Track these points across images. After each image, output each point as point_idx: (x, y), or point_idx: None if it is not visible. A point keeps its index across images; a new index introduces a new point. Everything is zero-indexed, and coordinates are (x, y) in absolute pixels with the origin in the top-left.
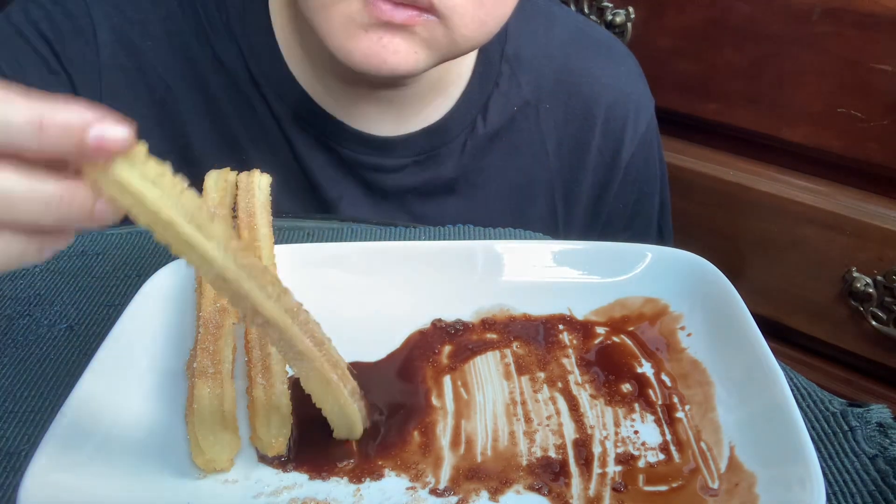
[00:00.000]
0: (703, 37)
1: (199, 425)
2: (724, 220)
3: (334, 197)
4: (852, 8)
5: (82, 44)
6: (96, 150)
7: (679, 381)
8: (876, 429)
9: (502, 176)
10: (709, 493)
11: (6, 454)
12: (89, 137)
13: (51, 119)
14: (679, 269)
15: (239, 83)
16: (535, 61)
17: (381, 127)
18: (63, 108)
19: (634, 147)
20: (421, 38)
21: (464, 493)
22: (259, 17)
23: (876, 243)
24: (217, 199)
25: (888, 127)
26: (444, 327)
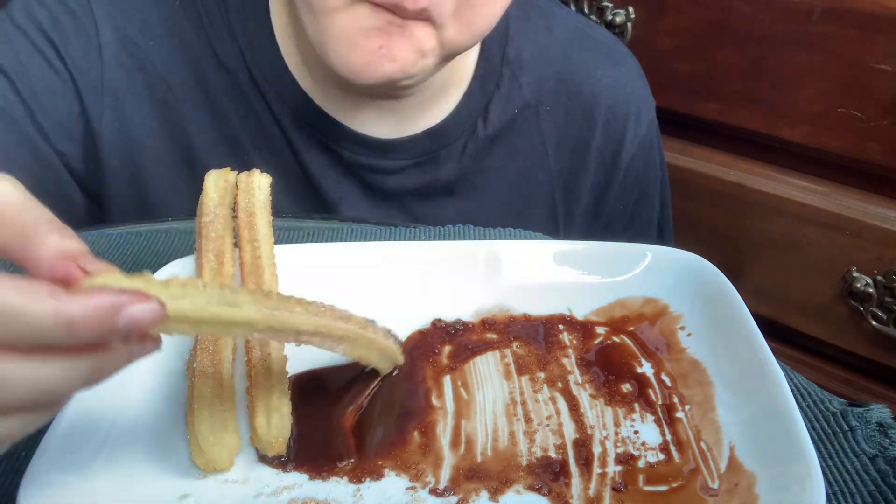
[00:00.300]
0: (703, 37)
1: (199, 425)
2: (724, 220)
3: (335, 198)
4: (852, 8)
5: (85, 43)
6: (128, 331)
7: (679, 381)
8: (876, 429)
9: (502, 177)
10: (709, 493)
11: (6, 454)
12: (120, 324)
13: (78, 317)
14: (679, 269)
15: (240, 83)
16: (535, 63)
17: (381, 129)
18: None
19: (635, 148)
20: (417, 43)
21: (464, 493)
22: (260, 19)
23: (876, 243)
24: (217, 199)
25: (888, 127)
26: (444, 327)
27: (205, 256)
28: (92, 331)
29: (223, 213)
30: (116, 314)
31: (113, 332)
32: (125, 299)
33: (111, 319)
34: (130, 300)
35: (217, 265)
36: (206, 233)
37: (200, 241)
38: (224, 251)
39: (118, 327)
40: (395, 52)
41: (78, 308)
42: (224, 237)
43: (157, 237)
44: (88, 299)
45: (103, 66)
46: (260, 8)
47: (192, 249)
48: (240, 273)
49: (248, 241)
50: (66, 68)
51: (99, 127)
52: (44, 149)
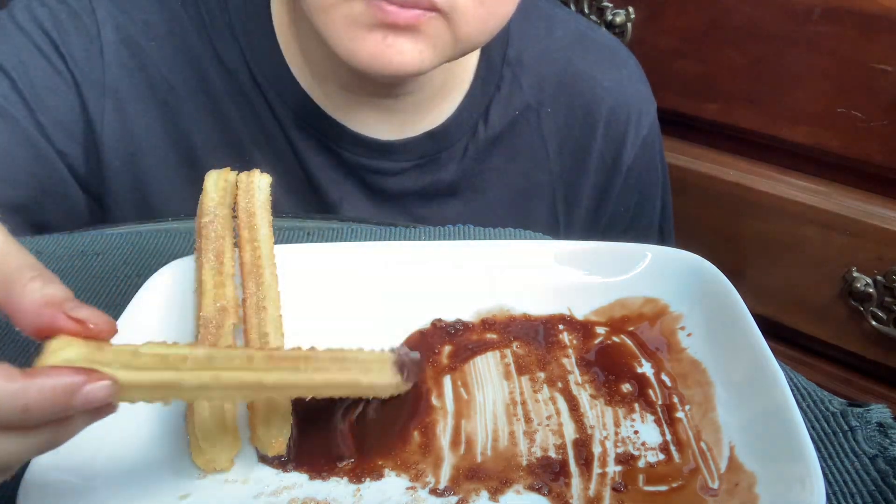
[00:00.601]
0: (704, 37)
1: (200, 426)
2: (724, 220)
3: (335, 199)
4: (852, 8)
5: (86, 43)
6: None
7: (679, 381)
8: (876, 429)
9: (503, 179)
10: (709, 493)
11: None
12: (76, 403)
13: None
14: (679, 269)
15: (241, 84)
16: (536, 65)
17: (382, 130)
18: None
19: (636, 150)
20: (425, 38)
21: (464, 493)
22: (261, 20)
23: (876, 243)
24: (217, 199)
25: (888, 127)
26: (444, 327)
27: (205, 256)
28: (48, 413)
29: (223, 213)
30: (73, 396)
31: (69, 411)
32: (79, 381)
33: (67, 401)
34: (84, 381)
35: (217, 265)
36: (206, 233)
37: (200, 241)
38: (224, 251)
39: (75, 407)
40: (400, 44)
41: (33, 393)
42: (224, 237)
43: (157, 237)
44: (44, 382)
45: (105, 66)
46: (261, 8)
47: (192, 249)
48: (240, 273)
49: (248, 241)
50: (67, 68)
51: (100, 127)
52: (45, 148)
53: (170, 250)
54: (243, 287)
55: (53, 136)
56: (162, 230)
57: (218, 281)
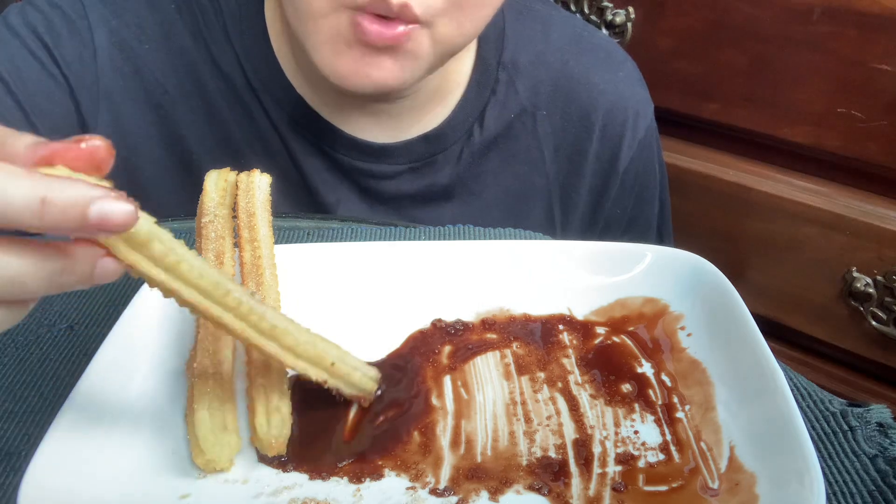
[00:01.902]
0: (703, 37)
1: (199, 425)
2: (724, 220)
3: (331, 202)
4: (852, 8)
5: (79, 46)
6: (98, 226)
7: (679, 381)
8: (876, 429)
9: (499, 183)
10: (709, 493)
11: (6, 454)
12: (91, 214)
13: (53, 196)
14: (679, 269)
15: (236, 87)
16: (532, 68)
17: (377, 134)
18: (65, 184)
19: (633, 152)
20: (406, 53)
21: (464, 493)
22: (255, 23)
23: (876, 243)
24: (217, 199)
25: (888, 127)
26: (444, 327)
27: (205, 256)
28: (63, 216)
29: (223, 214)
30: (90, 205)
31: (83, 224)
32: (102, 192)
33: (84, 209)
34: (107, 195)
35: (217, 265)
36: (206, 233)
37: (200, 241)
38: (224, 251)
39: (89, 219)
40: (381, 61)
41: (54, 189)
42: (224, 237)
43: None
44: (65, 182)
45: (98, 69)
46: (255, 12)
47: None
48: (240, 273)
49: (248, 241)
50: (60, 72)
51: (94, 130)
52: None
53: None
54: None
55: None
56: None
57: None
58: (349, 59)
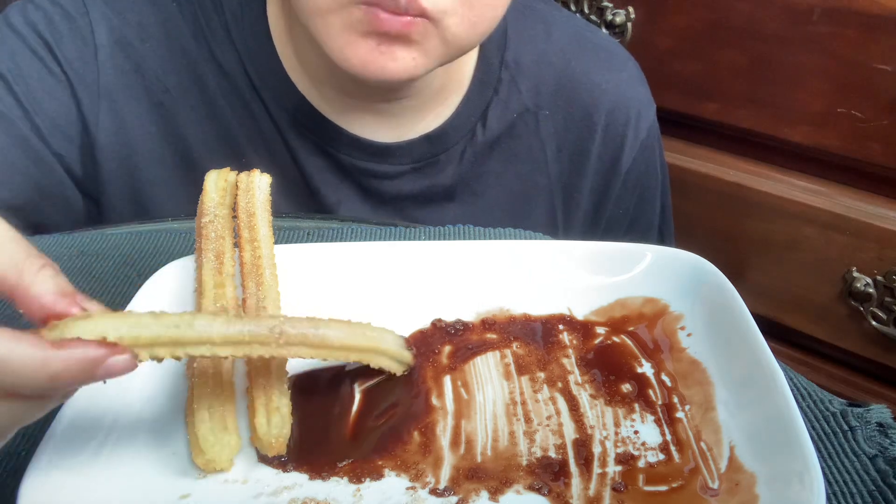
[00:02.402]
0: (703, 37)
1: (199, 425)
2: (724, 220)
3: (333, 202)
4: (852, 8)
5: (80, 45)
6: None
7: (679, 381)
8: (876, 429)
9: (501, 183)
10: (709, 493)
11: (6, 454)
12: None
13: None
14: (679, 269)
15: (238, 86)
16: (534, 67)
17: (379, 133)
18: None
19: (635, 152)
20: (417, 44)
21: (464, 493)
22: (257, 22)
23: (876, 243)
24: (217, 199)
25: (888, 127)
26: (444, 327)
27: (205, 256)
28: (71, 382)
29: (223, 214)
30: (96, 368)
31: (90, 381)
32: (103, 353)
33: (92, 371)
34: (108, 353)
35: (217, 265)
36: (206, 233)
37: (200, 241)
38: (224, 251)
39: (96, 377)
40: (393, 51)
41: (62, 362)
42: (224, 237)
43: (157, 237)
44: (71, 353)
45: (99, 67)
46: (257, 11)
47: (192, 249)
48: (240, 273)
49: (248, 241)
50: (61, 70)
51: (95, 129)
52: (41, 151)
53: (170, 250)
54: (243, 287)
55: (49, 138)
56: (162, 230)
57: (218, 281)
58: (364, 49)
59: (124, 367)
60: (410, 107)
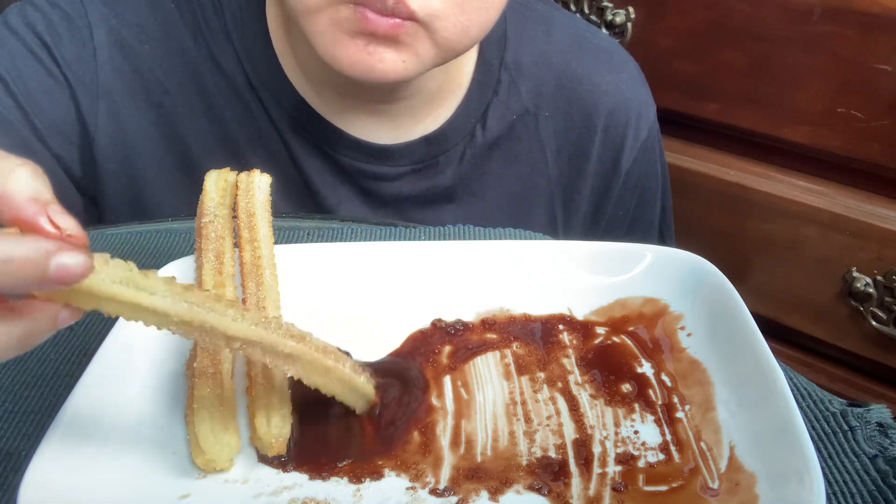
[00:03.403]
0: (704, 37)
1: (199, 425)
2: (724, 220)
3: (333, 203)
4: (852, 8)
5: (79, 46)
6: (59, 279)
7: (679, 381)
8: (876, 429)
9: (501, 184)
10: (709, 493)
11: (6, 454)
12: (52, 269)
13: (17, 255)
14: (679, 269)
15: (237, 87)
16: (534, 68)
17: (378, 135)
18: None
19: (635, 154)
20: (406, 46)
21: (464, 493)
22: (256, 23)
23: (876, 243)
24: (217, 200)
25: (888, 127)
26: (444, 327)
27: (205, 256)
28: (22, 273)
29: (223, 214)
30: (49, 258)
31: (44, 278)
32: (58, 246)
33: (44, 263)
34: (60, 247)
35: (217, 265)
36: (205, 233)
37: (200, 241)
38: (224, 251)
39: (50, 273)
40: (381, 53)
41: (17, 246)
42: (224, 237)
43: (157, 237)
44: (27, 240)
45: (98, 68)
46: (256, 12)
47: (192, 249)
48: (240, 273)
49: (248, 241)
50: (60, 71)
51: (94, 130)
52: (41, 152)
53: (170, 250)
54: (243, 287)
55: (49, 139)
56: (162, 230)
57: (218, 281)
58: (352, 49)
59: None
60: (409, 108)
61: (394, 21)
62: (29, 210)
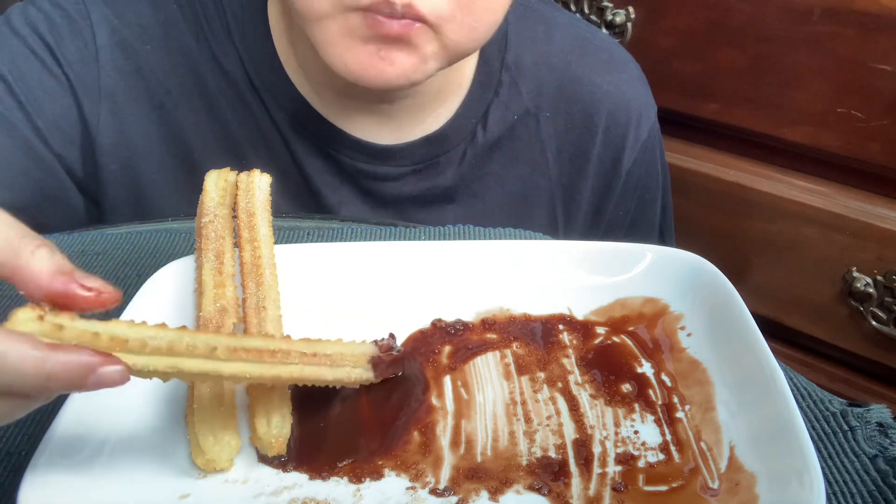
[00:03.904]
0: (704, 37)
1: (199, 425)
2: (724, 220)
3: (333, 203)
4: (852, 8)
5: (81, 46)
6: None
7: (679, 381)
8: (876, 429)
9: (502, 185)
10: (709, 493)
11: (6, 454)
12: (89, 384)
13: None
14: (679, 269)
15: (239, 88)
16: (535, 69)
17: (379, 135)
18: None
19: (636, 154)
20: (416, 49)
21: (464, 493)
22: (258, 24)
23: (876, 243)
24: (217, 199)
25: (888, 127)
26: (444, 327)
27: (205, 256)
28: (64, 386)
29: (223, 214)
30: (89, 374)
31: (80, 388)
32: (98, 361)
33: (84, 377)
34: (102, 362)
35: (217, 265)
36: (206, 233)
37: (200, 241)
38: (224, 251)
39: (87, 386)
40: (393, 56)
41: (58, 364)
42: (224, 237)
43: (157, 237)
44: (68, 356)
45: (100, 69)
46: (258, 13)
47: (193, 249)
48: (240, 273)
49: (248, 241)
50: (62, 71)
51: (96, 130)
52: (43, 152)
53: (170, 250)
54: (243, 287)
55: (51, 139)
56: (162, 230)
57: (218, 281)
58: (364, 55)
59: (115, 377)
60: (410, 109)
61: (404, 22)
62: (58, 284)
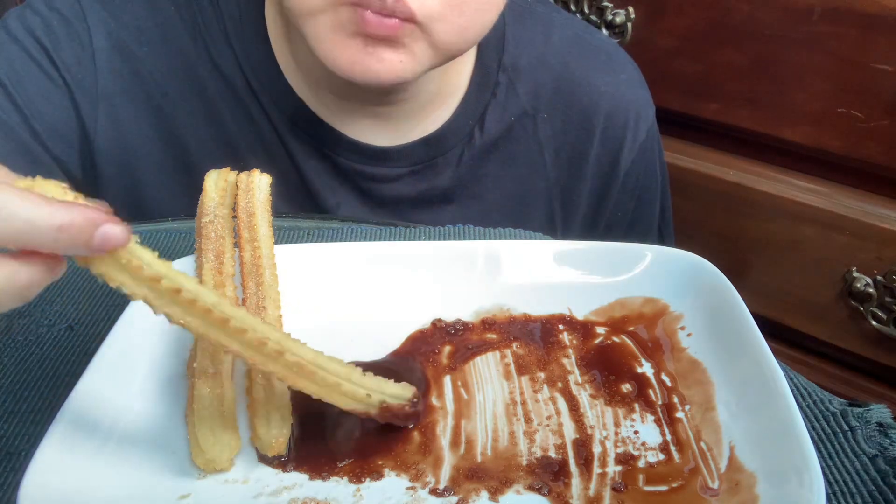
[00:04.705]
0: (703, 37)
1: (199, 425)
2: (724, 220)
3: (332, 205)
4: (852, 8)
5: (78, 49)
6: (99, 246)
7: (679, 381)
8: (876, 429)
9: (500, 186)
10: (709, 493)
11: (6, 454)
12: (96, 238)
13: (67, 223)
14: (679, 269)
15: (236, 90)
16: (533, 70)
17: (377, 137)
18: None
19: (634, 155)
20: (404, 47)
21: (464, 493)
22: (255, 26)
23: (876, 243)
24: (217, 200)
25: (888, 127)
26: (444, 327)
27: (205, 256)
28: (73, 239)
29: (223, 214)
30: (95, 230)
31: (86, 244)
32: (104, 217)
33: (91, 232)
34: (107, 219)
35: (217, 265)
36: (206, 233)
37: (200, 241)
38: (224, 251)
39: (93, 243)
40: (380, 52)
41: (67, 214)
42: (224, 237)
43: (157, 237)
44: (77, 209)
45: (97, 71)
46: (255, 15)
47: (193, 249)
48: (240, 273)
49: (248, 241)
50: (59, 75)
51: (94, 133)
52: (41, 155)
53: (170, 250)
54: (243, 287)
55: (49, 142)
56: (162, 230)
57: (218, 281)
58: (352, 49)
59: (121, 237)
60: (408, 110)
61: (393, 21)
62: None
